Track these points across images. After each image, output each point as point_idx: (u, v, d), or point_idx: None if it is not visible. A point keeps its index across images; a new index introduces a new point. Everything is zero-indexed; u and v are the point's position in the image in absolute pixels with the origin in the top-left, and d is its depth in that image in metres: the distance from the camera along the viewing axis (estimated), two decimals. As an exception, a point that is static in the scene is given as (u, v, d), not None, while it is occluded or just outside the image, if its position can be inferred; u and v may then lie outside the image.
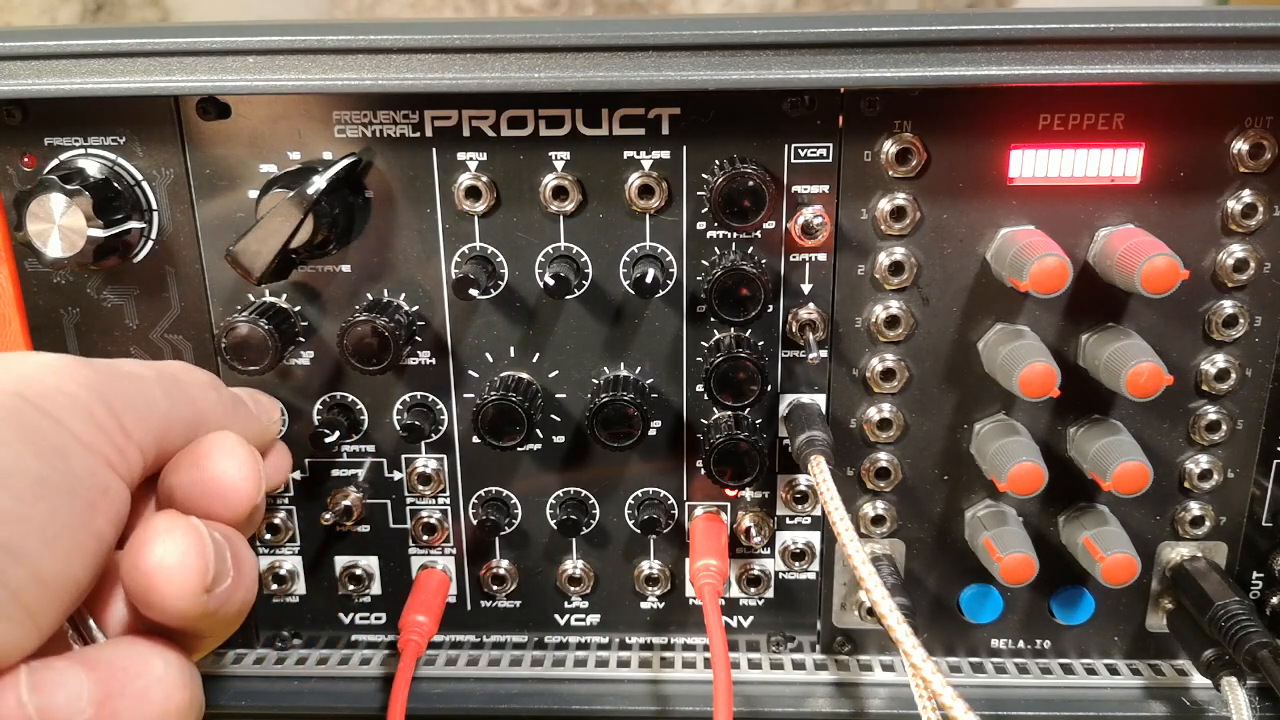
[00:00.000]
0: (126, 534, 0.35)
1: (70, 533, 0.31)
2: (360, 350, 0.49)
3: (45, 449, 0.31)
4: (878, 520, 0.54)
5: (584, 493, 0.55)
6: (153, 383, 0.37)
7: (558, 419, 0.54)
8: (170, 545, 0.33)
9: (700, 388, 0.52)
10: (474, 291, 0.48)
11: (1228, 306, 0.49)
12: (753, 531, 0.55)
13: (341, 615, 0.59)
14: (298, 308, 0.52)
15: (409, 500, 0.56)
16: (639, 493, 0.55)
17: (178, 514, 0.34)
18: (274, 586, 0.57)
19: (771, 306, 0.51)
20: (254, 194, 0.49)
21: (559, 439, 0.54)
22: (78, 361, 0.35)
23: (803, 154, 0.48)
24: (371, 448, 0.55)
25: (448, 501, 0.56)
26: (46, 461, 0.30)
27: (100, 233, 0.46)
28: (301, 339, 0.52)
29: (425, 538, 0.56)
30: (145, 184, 0.49)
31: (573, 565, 0.57)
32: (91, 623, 0.34)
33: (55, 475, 0.31)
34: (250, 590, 0.36)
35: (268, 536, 0.57)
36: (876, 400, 0.52)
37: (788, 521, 0.56)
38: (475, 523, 0.55)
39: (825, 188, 0.49)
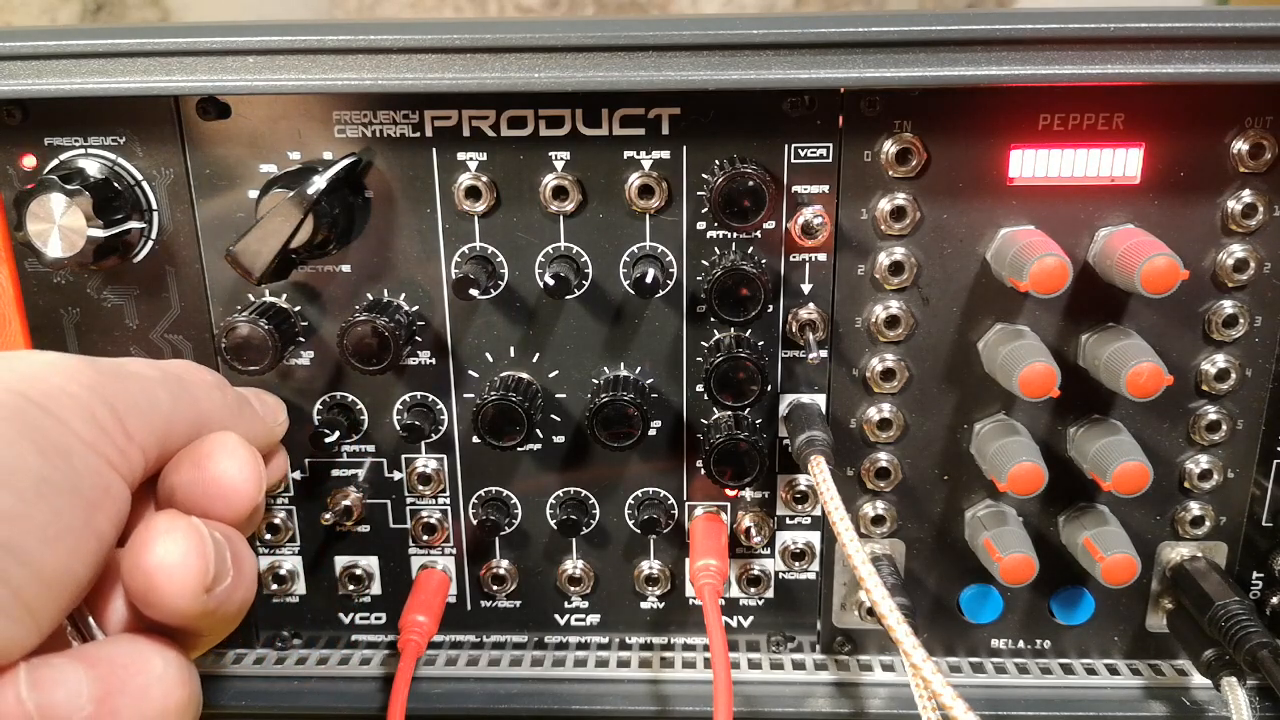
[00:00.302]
0: (127, 533, 0.35)
1: (71, 532, 0.31)
2: (360, 350, 0.49)
3: (48, 448, 0.31)
4: (878, 520, 0.54)
5: (584, 493, 0.55)
6: (157, 383, 0.37)
7: (558, 419, 0.54)
8: (171, 545, 0.33)
9: (700, 388, 0.52)
10: (474, 291, 0.48)
11: (1228, 306, 0.49)
12: (753, 531, 0.55)
13: (341, 615, 0.59)
14: (298, 308, 0.52)
15: (409, 500, 0.56)
16: (639, 493, 0.55)
17: (179, 514, 0.34)
18: (274, 586, 0.57)
19: (771, 306, 0.51)
20: (254, 194, 0.49)
21: (559, 439, 0.54)
22: (81, 361, 0.35)
23: (803, 154, 0.48)
24: (371, 448, 0.55)
25: (448, 501, 0.56)
26: (49, 461, 0.30)
27: (100, 233, 0.46)
28: (301, 339, 0.52)
29: (425, 538, 0.56)
30: (145, 184, 0.49)
31: (573, 565, 0.57)
32: (91, 620, 0.34)
33: (57, 475, 0.31)
34: (250, 589, 0.36)
35: (268, 536, 0.57)
36: (876, 400, 0.52)
37: (788, 521, 0.56)
38: (475, 523, 0.55)
39: (825, 188, 0.49)
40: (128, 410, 0.34)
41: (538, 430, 0.54)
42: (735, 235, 0.50)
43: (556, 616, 0.59)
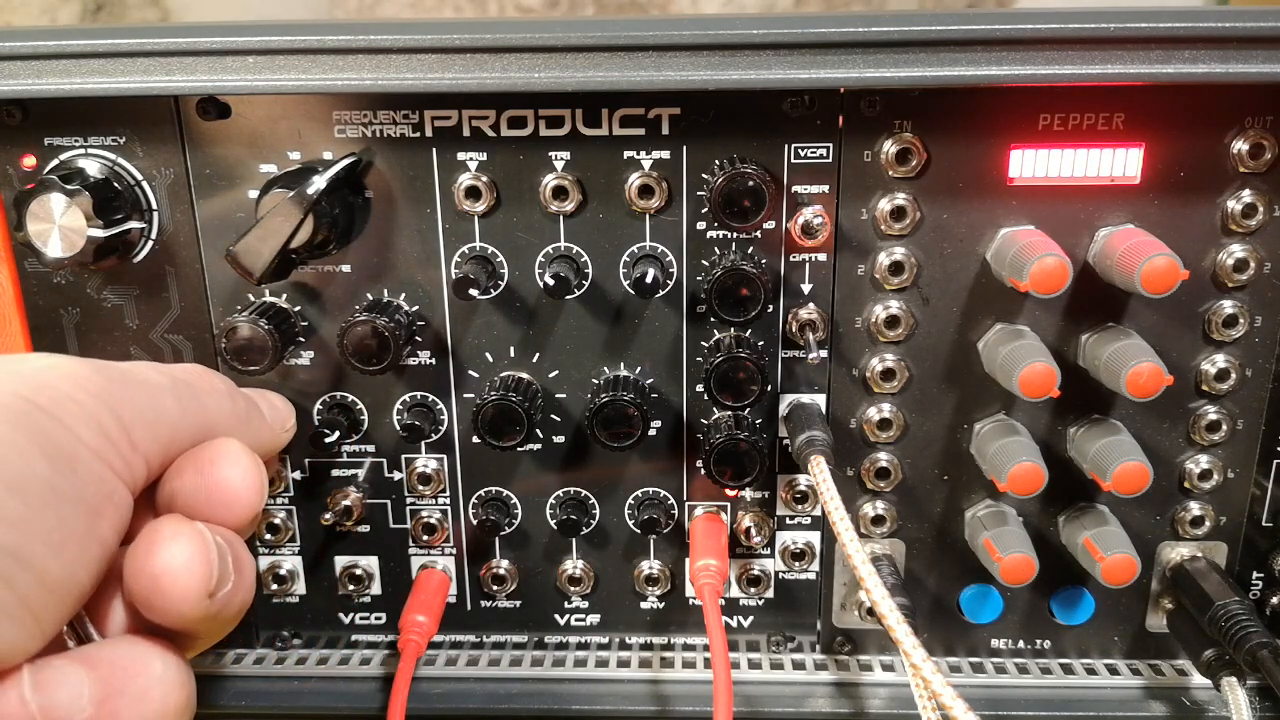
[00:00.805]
0: (126, 538, 0.35)
1: (76, 539, 0.31)
2: (360, 350, 0.49)
3: (56, 455, 0.31)
4: (878, 520, 0.54)
5: (584, 493, 0.55)
6: (165, 391, 0.37)
7: (558, 419, 0.54)
8: (177, 550, 0.33)
9: (700, 388, 0.52)
10: (474, 291, 0.48)
11: (1228, 306, 0.49)
12: (753, 531, 0.55)
13: (341, 615, 0.59)
14: (298, 308, 0.52)
15: (409, 500, 0.56)
16: (639, 493, 0.55)
17: (183, 518, 0.34)
18: (274, 586, 0.57)
19: (771, 306, 0.51)
20: (254, 194, 0.49)
21: (559, 439, 0.54)
22: (89, 367, 0.35)
23: (803, 154, 0.48)
24: (371, 448, 0.55)
25: (448, 501, 0.56)
26: (56, 468, 0.31)
27: (100, 233, 0.46)
28: (301, 339, 0.52)
29: (425, 538, 0.56)
30: (145, 184, 0.49)
31: (573, 565, 0.57)
32: (87, 622, 0.35)
33: (64, 482, 0.31)
34: (249, 592, 0.36)
35: (268, 536, 0.57)
36: (876, 400, 0.52)
37: (788, 521, 0.56)
38: (475, 523, 0.55)
39: (825, 188, 0.49)
40: (134, 420, 0.34)
41: (538, 430, 0.54)
42: (735, 235, 0.50)
43: (556, 616, 0.59)
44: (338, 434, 0.53)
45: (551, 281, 0.48)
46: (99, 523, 0.32)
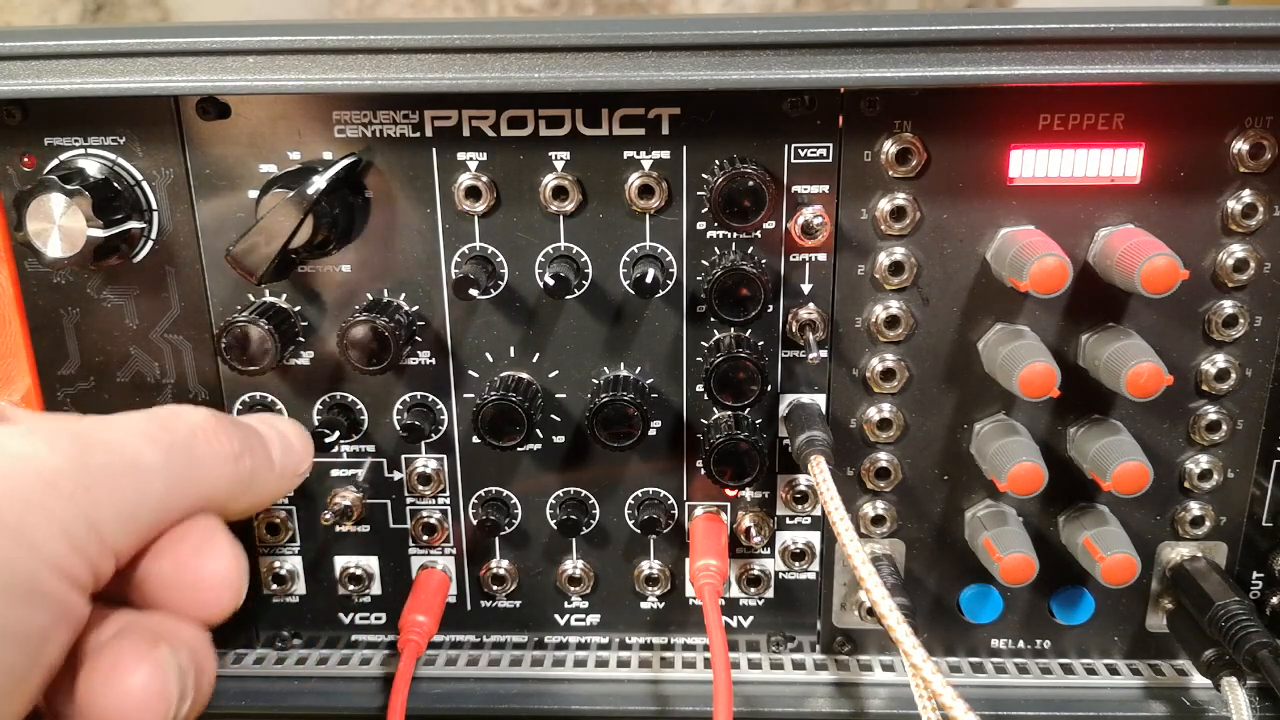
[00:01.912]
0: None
1: (17, 681, 0.28)
2: (360, 350, 0.49)
3: (14, 592, 0.28)
4: (878, 520, 0.54)
5: (584, 493, 0.55)
6: (155, 473, 0.33)
7: (558, 419, 0.54)
8: (136, 681, 0.30)
9: (700, 388, 0.52)
10: (474, 291, 0.48)
11: (1228, 306, 0.49)
12: (753, 531, 0.55)
13: (341, 615, 0.59)
14: (298, 308, 0.52)
15: (409, 500, 0.56)
16: (639, 493, 0.55)
17: (146, 642, 0.31)
18: (274, 586, 0.57)
19: (771, 306, 0.51)
20: (254, 194, 0.49)
21: (559, 439, 0.54)
22: (70, 460, 0.30)
23: (803, 154, 0.48)
24: (371, 448, 0.55)
25: (448, 501, 0.56)
26: (13, 608, 0.28)
27: (100, 233, 0.46)
28: (301, 339, 0.52)
29: (425, 538, 0.56)
30: (145, 184, 0.49)
31: (573, 565, 0.57)
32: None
33: (17, 624, 0.28)
34: (206, 699, 0.33)
35: (268, 536, 0.57)
36: (876, 400, 0.52)
37: (788, 521, 0.56)
38: (475, 523, 0.55)
39: (825, 188, 0.49)
40: (110, 518, 0.31)
41: (538, 430, 0.54)
42: (735, 235, 0.50)
43: (556, 616, 0.59)
44: (338, 434, 0.53)
45: (551, 281, 0.48)
46: (47, 648, 0.29)
